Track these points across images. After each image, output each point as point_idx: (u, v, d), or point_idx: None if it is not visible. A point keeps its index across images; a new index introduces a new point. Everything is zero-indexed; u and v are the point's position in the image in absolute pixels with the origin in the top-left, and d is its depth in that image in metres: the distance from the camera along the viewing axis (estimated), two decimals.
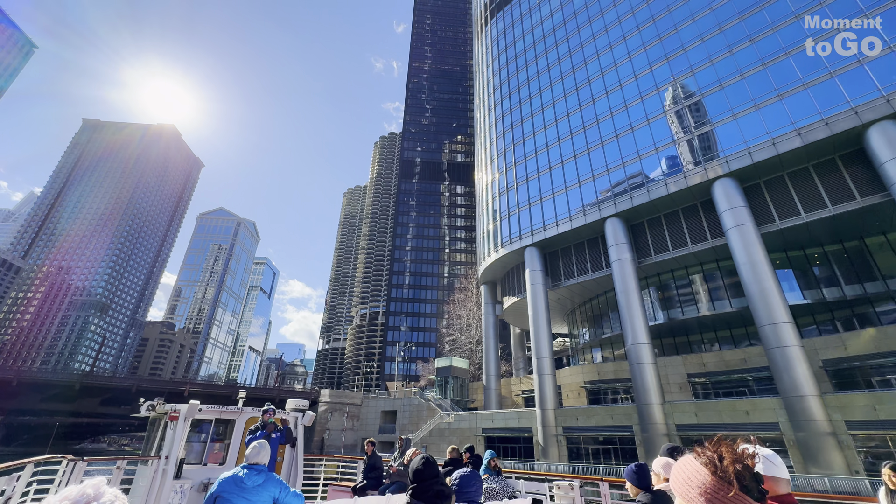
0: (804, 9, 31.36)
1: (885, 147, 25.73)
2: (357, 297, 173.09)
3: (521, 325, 56.91)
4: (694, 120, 35.21)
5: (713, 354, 34.52)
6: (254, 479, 4.06)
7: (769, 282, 27.90)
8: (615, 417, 32.62)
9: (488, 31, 63.47)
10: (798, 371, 25.23)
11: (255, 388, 54.26)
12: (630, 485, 3.53)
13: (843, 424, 23.38)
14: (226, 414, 9.14)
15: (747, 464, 1.28)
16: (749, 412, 26.90)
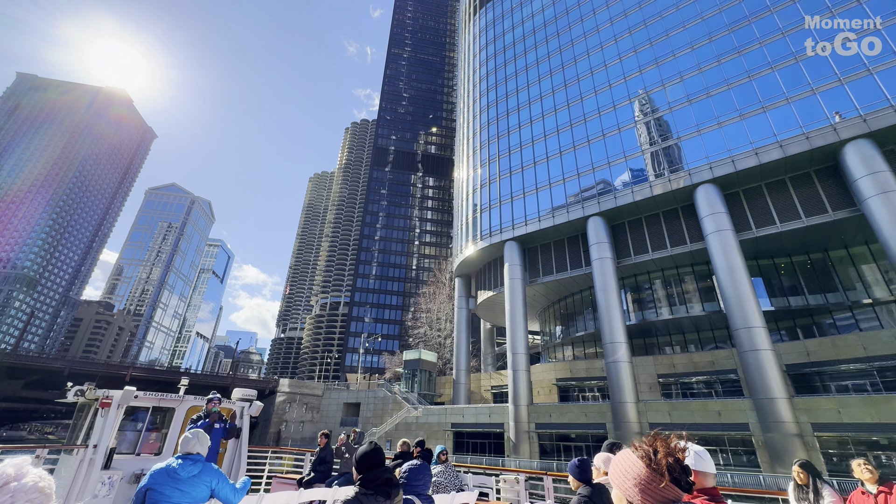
0: (791, 27, 32.45)
1: (859, 164, 26.93)
2: (318, 286, 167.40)
3: (492, 320, 56.45)
4: (679, 126, 35.72)
5: (682, 356, 35.33)
6: (188, 470, 3.87)
7: (745, 287, 28.65)
8: (589, 415, 32.61)
9: (476, 20, 62.24)
10: (769, 374, 26.00)
11: (206, 376, 50.37)
12: (572, 478, 3.66)
13: (810, 426, 24.27)
14: (165, 402, 8.56)
15: (678, 457, 1.38)
16: (721, 412, 27.52)
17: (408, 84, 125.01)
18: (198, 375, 49.12)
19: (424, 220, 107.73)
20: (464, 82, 61.77)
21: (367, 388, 51.69)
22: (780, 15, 33.39)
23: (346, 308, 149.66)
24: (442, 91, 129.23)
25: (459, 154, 57.12)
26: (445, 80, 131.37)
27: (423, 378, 50.40)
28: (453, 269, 54.63)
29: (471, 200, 49.60)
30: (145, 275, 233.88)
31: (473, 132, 53.22)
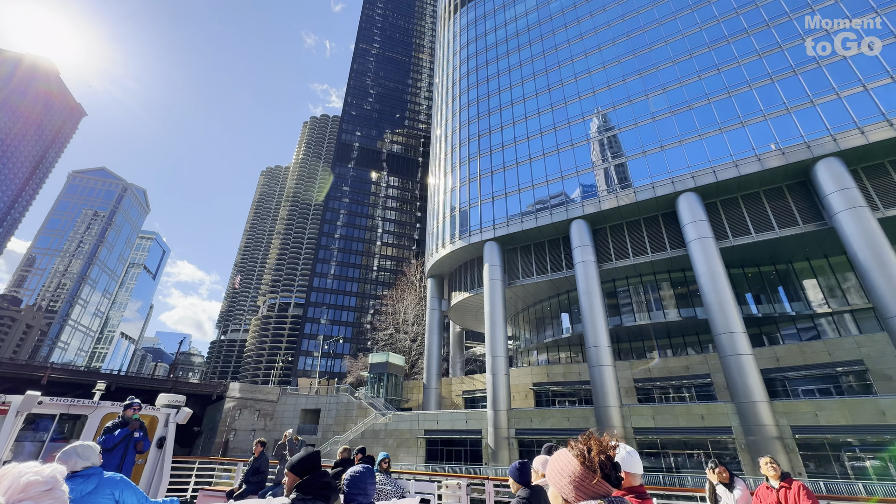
0: (767, 49, 34.35)
1: (829, 180, 28.61)
2: (266, 286, 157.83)
3: (463, 323, 55.04)
4: (662, 136, 36.59)
5: (659, 361, 35.86)
6: (81, 489, 3.52)
7: (727, 293, 29.41)
8: (572, 420, 31.95)
9: (457, 18, 61.42)
10: (750, 378, 26.63)
11: (143, 379, 44.44)
12: (512, 481, 3.68)
13: (789, 429, 25.01)
14: (76, 408, 7.85)
15: (609, 454, 1.46)
16: (704, 416, 27.82)
17: (375, 81, 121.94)
18: (133, 378, 43.17)
19: (388, 220, 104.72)
20: (442, 79, 60.52)
21: (326, 394, 48.15)
22: (756, 38, 35.30)
23: (298, 309, 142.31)
24: (409, 92, 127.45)
25: (436, 152, 55.59)
26: (412, 82, 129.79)
27: (390, 383, 47.78)
28: (426, 269, 52.71)
29: (448, 199, 48.12)
30: (63, 267, 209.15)
31: (452, 129, 51.96)
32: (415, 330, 57.99)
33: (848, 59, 30.89)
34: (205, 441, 45.23)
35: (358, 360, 63.01)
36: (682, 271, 36.75)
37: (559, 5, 50.43)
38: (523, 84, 47.97)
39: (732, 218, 33.16)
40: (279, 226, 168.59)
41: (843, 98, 29.97)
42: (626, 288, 38.85)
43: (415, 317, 58.42)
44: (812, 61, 32.25)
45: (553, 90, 45.38)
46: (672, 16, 40.98)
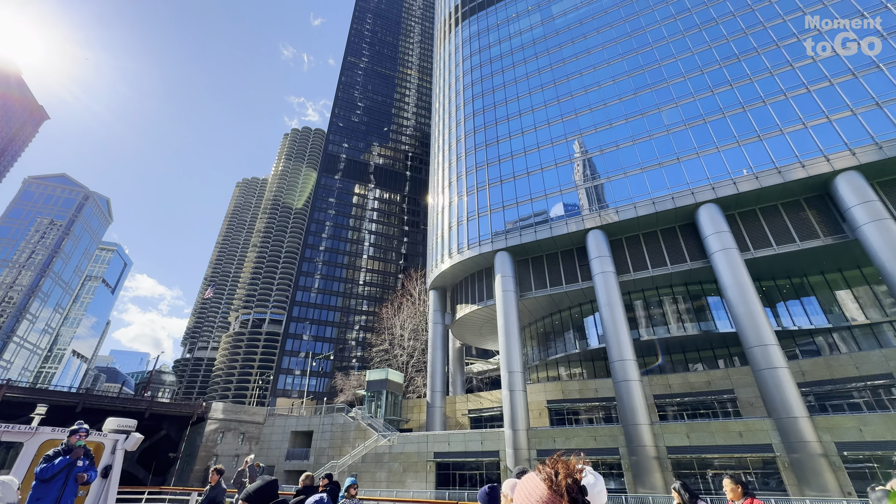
0: (778, 67, 35.15)
1: (851, 193, 28.85)
2: (239, 301, 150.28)
3: (462, 338, 52.80)
4: (678, 148, 36.55)
5: (678, 376, 34.78)
6: None
7: (756, 304, 28.81)
8: (599, 439, 30.13)
9: (458, 31, 61.32)
10: (788, 392, 25.75)
11: (115, 399, 39.56)
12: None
13: (834, 445, 24.07)
14: (9, 434, 7.38)
15: (576, 477, 1.46)
16: (742, 433, 26.63)
17: (363, 94, 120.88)
18: (103, 398, 38.27)
19: (375, 233, 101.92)
20: (442, 91, 59.78)
21: (319, 413, 44.50)
22: (767, 56, 36.18)
23: (274, 326, 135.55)
24: (396, 106, 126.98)
25: (437, 162, 54.23)
26: (399, 97, 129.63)
27: (389, 401, 44.68)
28: (427, 282, 50.49)
29: (454, 208, 46.54)
30: (10, 278, 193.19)
31: (457, 139, 50.85)
32: (412, 345, 55.20)
33: (859, 78, 31.81)
34: (182, 468, 40.53)
35: (350, 378, 59.21)
36: (699, 284, 36.24)
37: (564, 21, 50.97)
38: (531, 95, 47.66)
39: (752, 230, 33.01)
40: (255, 238, 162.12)
41: (858, 114, 30.65)
42: (641, 301, 37.97)
43: (411, 331, 55.72)
44: (824, 79, 33.10)
45: (563, 101, 45.17)
46: (680, 35, 41.81)
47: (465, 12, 62.39)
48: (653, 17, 44.45)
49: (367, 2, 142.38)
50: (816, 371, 29.93)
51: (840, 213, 30.04)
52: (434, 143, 59.09)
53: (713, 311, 34.87)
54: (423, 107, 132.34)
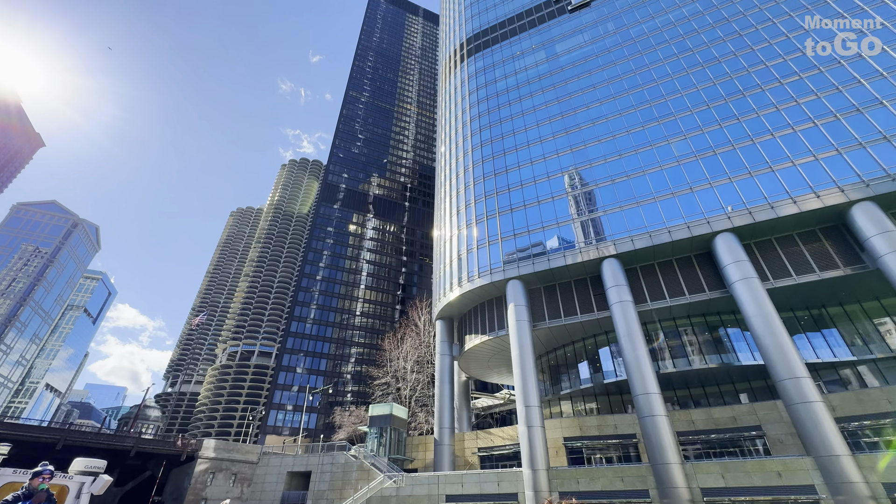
0: (786, 101, 36.19)
1: (869, 224, 28.90)
2: (228, 332, 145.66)
3: (468, 371, 50.81)
4: (691, 179, 36.83)
5: (701, 411, 33.31)
6: None
7: (784, 335, 28.02)
8: (627, 480, 28.22)
9: (464, 67, 63.11)
10: (826, 428, 24.56)
11: (100, 435, 36.52)
12: None
13: (882, 487, 22.67)
14: None
15: None
16: (781, 473, 25.08)
17: (363, 127, 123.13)
18: (86, 435, 35.21)
19: (373, 263, 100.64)
20: (448, 121, 60.72)
21: (320, 452, 41.64)
22: (772, 93, 37.34)
23: (263, 358, 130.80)
24: (395, 139, 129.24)
25: (444, 191, 54.17)
26: (399, 130, 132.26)
27: (393, 438, 42.07)
28: (433, 312, 49.04)
29: (463, 236, 45.95)
30: None
31: (465, 168, 51.05)
32: (414, 378, 52.91)
33: (864, 113, 32.73)
34: None
35: (350, 413, 56.07)
36: (717, 315, 35.52)
37: (569, 59, 52.70)
38: (539, 127, 48.41)
39: (769, 260, 32.74)
40: (248, 268, 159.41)
41: (867, 147, 31.27)
42: (658, 332, 36.97)
43: (415, 363, 53.56)
44: (829, 114, 34.02)
45: (571, 133, 45.86)
46: (684, 72, 43.24)
47: (471, 49, 64.52)
48: (655, 56, 46.13)
49: (370, 41, 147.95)
50: (847, 406, 28.79)
51: (858, 244, 29.99)
52: (440, 173, 59.33)
53: (733, 343, 33.96)
54: (422, 140, 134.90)
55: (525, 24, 61.04)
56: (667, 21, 48.40)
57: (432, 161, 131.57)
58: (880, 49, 34.76)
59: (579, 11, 56.90)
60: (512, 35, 61.17)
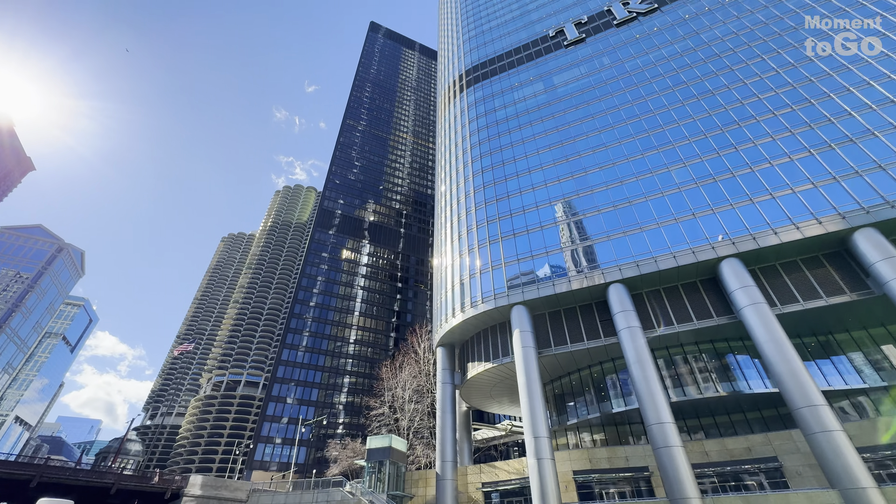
0: (778, 133, 37.32)
1: (872, 250, 29.21)
2: (214, 360, 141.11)
3: (472, 401, 49.16)
4: (693, 205, 37.27)
5: (715, 442, 32.32)
6: None
7: (797, 361, 27.61)
8: None
9: (463, 97, 64.62)
10: (849, 458, 23.81)
11: (79, 471, 33.91)
12: None
13: None
14: None
15: None
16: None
17: (360, 154, 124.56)
18: (63, 471, 32.74)
19: (368, 289, 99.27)
20: (449, 148, 61.49)
21: (314, 489, 39.26)
22: (767, 123, 38.56)
23: (250, 388, 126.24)
24: (390, 167, 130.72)
25: (446, 216, 54.13)
26: (395, 158, 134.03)
27: (392, 473, 39.95)
28: (435, 339, 47.88)
29: (465, 261, 45.52)
30: None
31: (466, 194, 51.26)
32: (411, 408, 50.97)
33: (858, 143, 33.79)
34: None
35: (344, 446, 53.40)
36: (725, 341, 35.14)
37: (566, 90, 54.30)
38: (539, 154, 49.15)
39: (775, 286, 32.74)
40: (237, 294, 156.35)
41: (864, 176, 32.08)
42: (666, 359, 36.32)
43: (413, 392, 51.71)
44: (824, 144, 35.07)
45: (571, 160, 46.57)
46: (680, 103, 44.67)
47: (470, 80, 66.31)
48: (651, 88, 47.72)
49: (367, 73, 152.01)
50: (865, 435, 28.12)
51: (863, 269, 30.19)
52: (440, 199, 59.50)
53: (744, 370, 33.43)
54: (417, 168, 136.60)
55: (522, 58, 63.19)
56: (660, 56, 50.44)
57: (427, 188, 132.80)
58: (868, 83, 36.35)
59: (575, 46, 59.19)
60: (510, 67, 63.15)
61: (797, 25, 43.93)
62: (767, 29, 45.51)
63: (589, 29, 60.07)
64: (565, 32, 61.61)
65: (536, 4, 72.09)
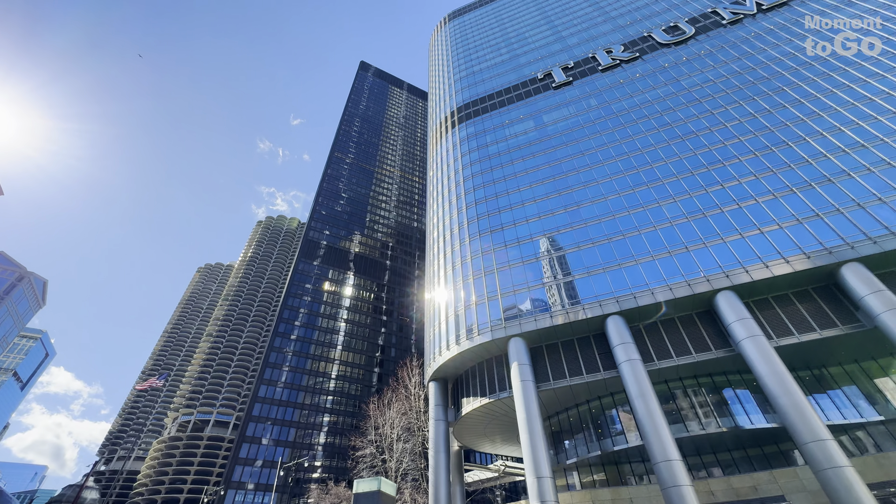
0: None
1: (860, 283, 30.16)
2: (182, 398, 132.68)
3: (465, 439, 46.90)
4: (686, 238, 38.15)
5: (720, 481, 31.43)
6: None
7: (800, 395, 27.54)
8: None
9: (455, 131, 66.24)
10: (862, 496, 23.30)
11: None
12: None
13: None
14: None
15: None
16: None
17: (347, 186, 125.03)
18: None
19: (353, 322, 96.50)
20: (441, 181, 62.17)
21: None
22: (749, 163, 40.49)
23: (219, 429, 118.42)
24: (377, 199, 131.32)
25: (439, 247, 53.84)
26: (381, 190, 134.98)
27: None
28: (427, 374, 46.20)
29: (459, 293, 44.84)
30: None
31: (460, 225, 51.34)
32: (400, 447, 48.23)
33: (836, 183, 35.70)
34: None
35: (328, 492, 49.45)
36: (724, 375, 35.03)
37: (556, 129, 56.35)
38: (532, 188, 50.09)
39: (769, 319, 33.18)
40: (211, 327, 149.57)
41: (845, 213, 33.65)
42: (665, 393, 35.79)
43: (400, 434, 49.08)
44: (804, 183, 36.89)
45: (563, 194, 47.54)
46: (665, 143, 46.73)
47: (461, 116, 68.26)
48: (638, 129, 49.96)
49: (356, 108, 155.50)
50: (870, 471, 27.85)
51: (852, 303, 31.01)
52: (432, 230, 59.40)
53: (744, 405, 33.16)
54: (404, 201, 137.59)
55: (513, 97, 65.76)
56: (644, 99, 53.26)
57: (413, 222, 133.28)
58: (838, 129, 38.95)
59: (563, 88, 62.08)
60: (501, 106, 65.49)
61: (769, 76, 47.36)
62: (742, 78, 48.89)
63: (575, 73, 63.34)
64: (553, 76, 64.73)
65: (524, 49, 76.11)
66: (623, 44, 64.30)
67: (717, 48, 54.66)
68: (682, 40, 58.81)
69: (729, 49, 53.62)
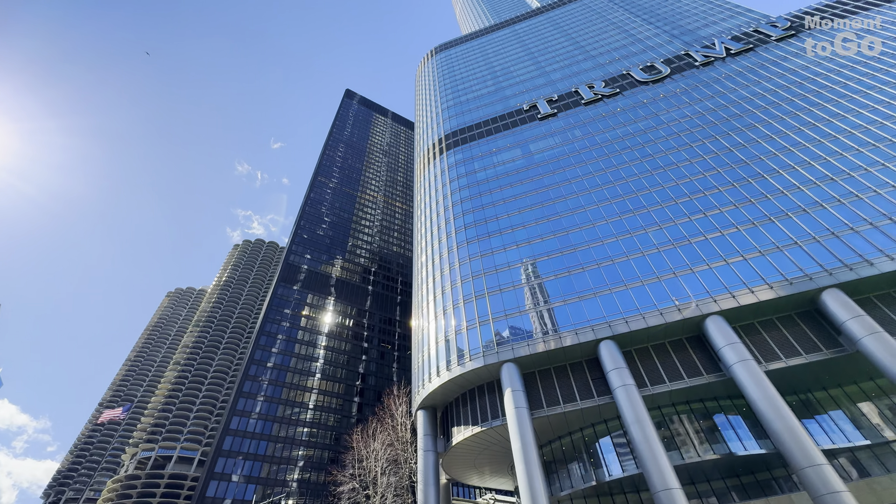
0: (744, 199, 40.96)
1: (840, 309, 31.30)
2: (143, 432, 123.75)
3: (454, 471, 45.04)
4: (674, 264, 39.03)
5: None
6: None
7: (793, 419, 27.81)
8: None
9: (444, 158, 67.14)
10: None
11: None
12: None
13: None
14: None
15: None
16: None
17: (330, 210, 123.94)
18: None
19: (335, 349, 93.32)
20: (429, 205, 62.34)
21: None
22: (729, 193, 42.33)
23: (182, 465, 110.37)
24: (359, 224, 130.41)
25: (428, 271, 53.31)
26: (363, 215, 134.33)
27: None
28: (414, 403, 44.63)
29: (449, 318, 44.15)
30: None
31: (449, 249, 51.18)
32: (385, 481, 45.69)
33: (811, 213, 37.59)
34: None
35: None
36: (715, 400, 35.16)
37: (542, 157, 57.94)
38: (521, 213, 50.74)
39: (757, 343, 33.84)
40: (179, 355, 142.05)
41: (821, 241, 35.29)
42: (658, 420, 35.50)
43: (385, 467, 46.65)
44: (781, 213, 38.70)
45: (552, 220, 48.29)
46: (648, 173, 48.55)
47: (449, 144, 69.46)
48: (622, 159, 51.87)
49: (341, 134, 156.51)
50: (863, 496, 27.98)
51: (834, 328, 32.03)
52: (419, 255, 58.97)
53: (737, 431, 33.18)
54: (386, 227, 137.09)
55: (500, 126, 67.60)
56: (626, 132, 55.64)
57: (396, 248, 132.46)
58: (808, 163, 41.43)
59: (548, 119, 64.31)
60: (488, 134, 67.11)
61: (741, 113, 50.44)
62: (716, 114, 51.88)
63: (560, 105, 65.91)
64: (538, 107, 67.13)
65: (510, 82, 79.09)
66: (604, 80, 67.63)
67: (692, 87, 58.13)
68: (659, 79, 62.34)
69: (703, 88, 57.11)
